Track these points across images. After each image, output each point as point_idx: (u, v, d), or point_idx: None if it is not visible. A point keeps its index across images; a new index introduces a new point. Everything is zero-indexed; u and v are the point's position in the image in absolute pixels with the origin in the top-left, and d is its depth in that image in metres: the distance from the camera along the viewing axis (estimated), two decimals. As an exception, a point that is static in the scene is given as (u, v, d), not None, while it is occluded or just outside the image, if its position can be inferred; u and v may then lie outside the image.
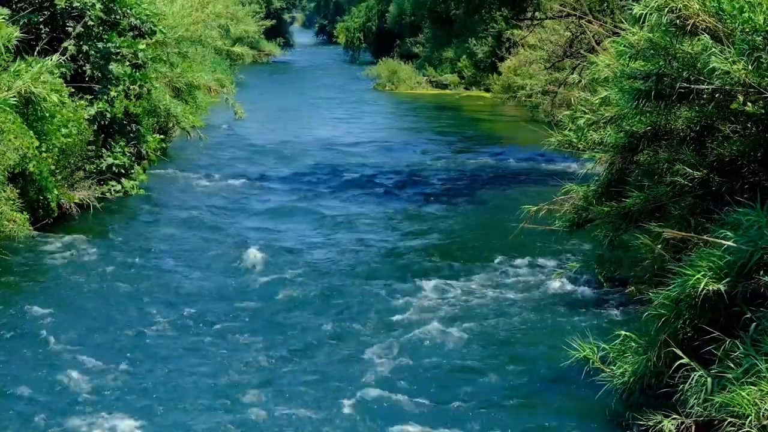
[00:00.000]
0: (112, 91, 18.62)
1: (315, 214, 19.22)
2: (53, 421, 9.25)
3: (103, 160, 19.05)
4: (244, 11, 51.64)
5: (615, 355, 8.93)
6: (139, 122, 20.27)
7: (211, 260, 15.32)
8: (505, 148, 28.63)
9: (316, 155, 26.98)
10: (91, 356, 10.88)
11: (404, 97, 45.59)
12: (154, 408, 9.65)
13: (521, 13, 26.69)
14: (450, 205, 20.30)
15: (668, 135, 10.61)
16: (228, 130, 31.04)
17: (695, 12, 8.74)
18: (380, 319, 12.34)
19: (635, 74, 9.63)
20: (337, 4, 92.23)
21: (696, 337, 8.23)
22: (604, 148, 11.82)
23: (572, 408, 9.61)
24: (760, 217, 7.95)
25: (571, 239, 14.53)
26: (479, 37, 43.63)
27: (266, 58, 66.42)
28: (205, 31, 28.83)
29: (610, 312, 12.41)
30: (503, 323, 12.24)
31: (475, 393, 10.07)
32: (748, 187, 9.51)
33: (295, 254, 15.74)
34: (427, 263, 15.07)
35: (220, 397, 9.95)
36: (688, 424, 7.89)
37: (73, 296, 13.28)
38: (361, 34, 69.94)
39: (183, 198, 20.56)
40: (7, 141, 14.44)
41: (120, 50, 18.65)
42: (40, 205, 16.25)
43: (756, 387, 7.32)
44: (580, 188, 12.20)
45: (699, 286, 7.90)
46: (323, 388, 10.16)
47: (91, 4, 18.17)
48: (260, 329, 12.10)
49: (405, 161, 26.12)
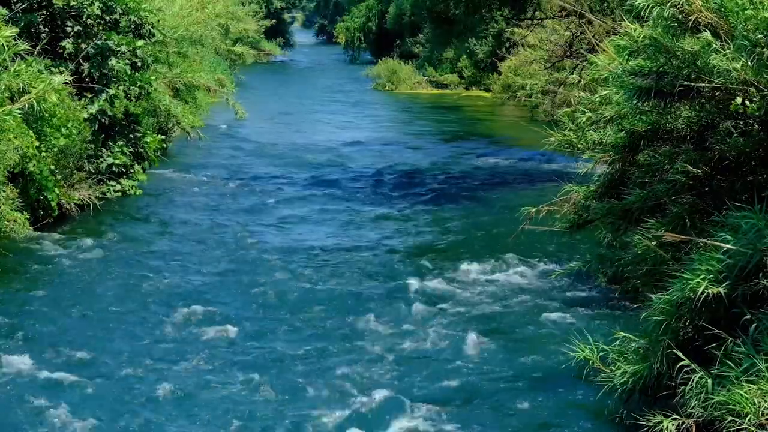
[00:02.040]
0: (111, 89, 18.62)
1: (315, 214, 19.23)
2: (54, 420, 9.25)
3: (103, 160, 19.05)
4: (244, 11, 51.64)
5: (615, 356, 8.92)
6: (139, 122, 20.26)
7: (211, 260, 15.31)
8: (505, 148, 28.63)
9: (315, 155, 26.97)
10: (92, 356, 10.88)
11: (404, 97, 45.58)
12: (154, 407, 9.65)
13: (521, 13, 26.72)
14: (450, 205, 20.29)
15: (668, 133, 10.59)
16: (228, 130, 31.04)
17: (698, 8, 8.71)
18: (379, 319, 12.34)
19: (636, 71, 9.61)
20: (337, 4, 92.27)
21: (696, 338, 8.23)
22: (604, 148, 11.81)
23: (572, 408, 9.61)
24: (758, 220, 7.94)
25: (572, 240, 14.53)
26: (479, 36, 43.62)
27: (266, 58, 66.44)
28: (205, 32, 28.83)
29: (610, 312, 12.41)
30: (503, 323, 12.25)
31: (474, 392, 10.07)
32: (747, 186, 9.50)
33: (295, 253, 15.74)
34: (426, 263, 15.06)
35: (222, 396, 9.95)
36: (689, 425, 7.88)
37: (73, 296, 13.27)
38: (361, 34, 69.95)
39: (183, 198, 20.55)
40: (7, 141, 14.44)
41: (120, 48, 18.65)
42: (40, 205, 16.26)
43: (755, 385, 7.32)
44: (579, 188, 12.18)
45: (699, 290, 7.89)
46: (324, 388, 10.15)
47: (89, 3, 18.18)
48: (261, 329, 12.11)
49: (404, 161, 26.11)
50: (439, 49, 49.68)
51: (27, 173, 15.53)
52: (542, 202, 12.63)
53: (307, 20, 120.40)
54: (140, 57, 18.98)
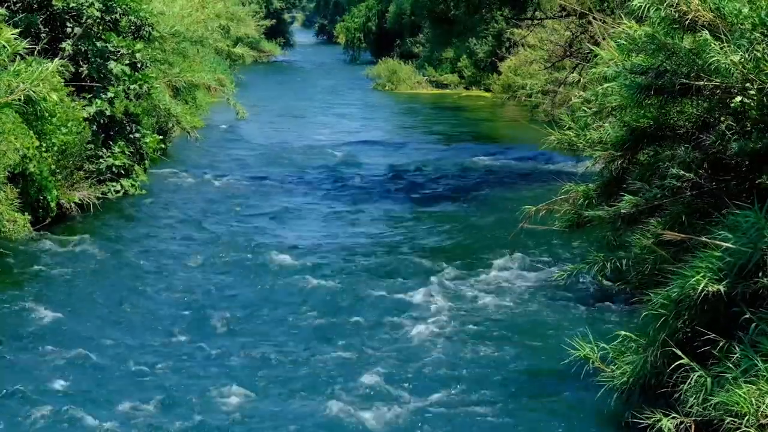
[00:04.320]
0: (111, 90, 18.63)
1: (315, 214, 19.25)
2: (53, 420, 9.25)
3: (103, 160, 19.04)
4: (244, 11, 51.65)
5: (615, 355, 8.92)
6: (139, 122, 20.26)
7: (211, 260, 15.31)
8: (505, 148, 28.62)
9: (315, 155, 26.98)
10: (92, 356, 10.88)
11: (404, 97, 45.58)
12: (155, 407, 9.65)
13: (521, 13, 26.73)
14: (449, 204, 20.31)
15: (670, 130, 10.59)
16: (228, 130, 31.05)
17: (695, 7, 8.71)
18: (379, 318, 12.35)
19: (636, 69, 9.61)
20: (337, 4, 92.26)
21: (695, 338, 8.22)
22: (604, 146, 11.81)
23: (572, 407, 9.61)
24: (758, 219, 7.94)
25: (571, 239, 14.53)
26: (479, 36, 43.60)
27: (266, 58, 66.43)
28: (205, 32, 28.84)
29: (609, 311, 12.42)
30: (503, 322, 12.25)
31: (474, 392, 10.07)
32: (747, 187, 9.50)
33: (295, 253, 15.74)
34: (426, 263, 15.07)
35: (222, 396, 9.95)
36: (688, 424, 7.89)
37: (73, 296, 13.28)
38: (361, 34, 69.91)
39: (183, 198, 20.56)
40: (7, 141, 14.44)
41: (119, 49, 18.66)
42: (40, 205, 16.25)
43: (754, 386, 7.33)
44: (579, 188, 12.19)
45: (698, 288, 7.90)
46: (326, 387, 10.16)
47: (89, 3, 18.18)
48: (262, 328, 12.12)
49: (405, 161, 26.12)
50: (439, 49, 49.65)
51: (27, 173, 15.53)
52: (542, 201, 12.64)
53: (307, 20, 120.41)
54: (140, 60, 19.00)
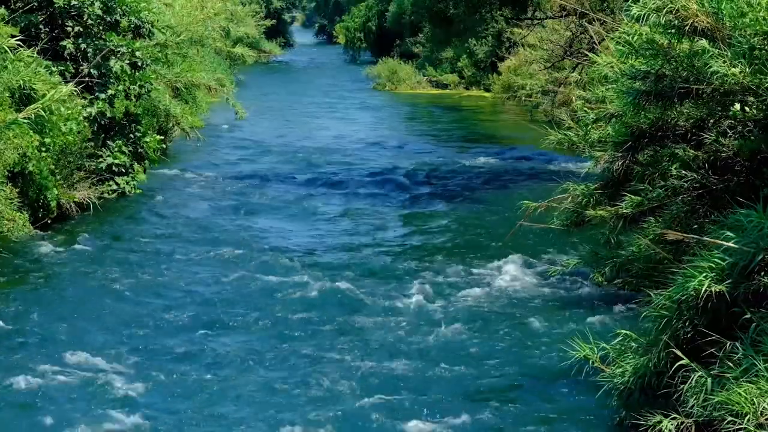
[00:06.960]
0: (111, 89, 18.62)
1: (315, 214, 19.25)
2: (53, 420, 9.25)
3: (103, 160, 19.04)
4: (244, 11, 51.63)
5: (615, 355, 8.91)
6: (139, 122, 20.26)
7: (211, 260, 15.31)
8: (505, 148, 28.63)
9: (315, 155, 26.97)
10: (91, 355, 10.87)
11: (404, 97, 45.59)
12: (155, 407, 9.65)
13: (521, 13, 26.74)
14: (449, 204, 20.30)
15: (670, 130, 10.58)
16: (228, 130, 31.06)
17: (693, 13, 8.71)
18: (378, 318, 12.34)
19: (634, 74, 9.61)
20: (337, 4, 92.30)
21: (696, 338, 8.21)
22: (605, 146, 11.80)
23: (572, 407, 9.61)
24: (761, 219, 7.93)
25: (570, 238, 14.52)
26: (479, 36, 43.61)
27: (266, 57, 66.41)
28: (205, 32, 28.80)
29: (609, 311, 12.40)
30: (502, 322, 12.24)
31: (473, 392, 10.07)
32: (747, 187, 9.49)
33: (295, 253, 15.74)
34: (425, 262, 15.07)
35: (222, 395, 9.95)
36: (688, 424, 7.88)
37: (72, 295, 13.28)
38: (361, 34, 69.94)
39: (183, 198, 20.55)
40: (7, 140, 14.43)
41: (119, 49, 18.65)
42: (40, 205, 16.25)
43: (754, 386, 7.32)
44: (578, 187, 12.18)
45: (701, 288, 7.88)
46: (326, 386, 10.16)
47: (90, 3, 18.18)
48: (262, 328, 12.10)
49: (405, 161, 26.11)
50: (439, 49, 49.64)
51: (27, 173, 15.52)
52: (542, 200, 12.63)
53: (307, 20, 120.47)
54: (140, 58, 19.00)
